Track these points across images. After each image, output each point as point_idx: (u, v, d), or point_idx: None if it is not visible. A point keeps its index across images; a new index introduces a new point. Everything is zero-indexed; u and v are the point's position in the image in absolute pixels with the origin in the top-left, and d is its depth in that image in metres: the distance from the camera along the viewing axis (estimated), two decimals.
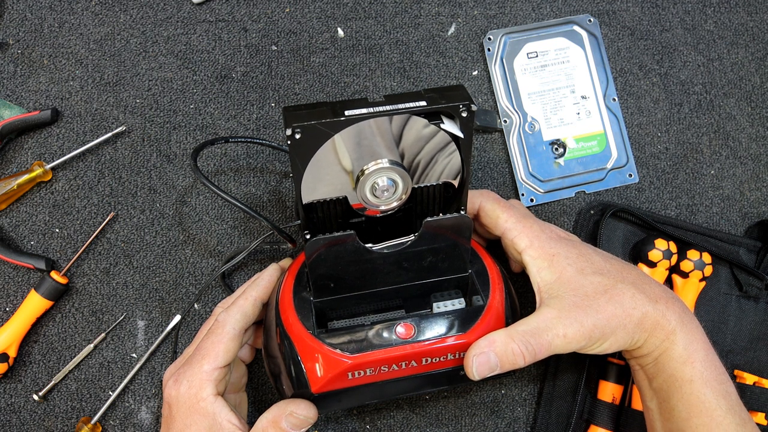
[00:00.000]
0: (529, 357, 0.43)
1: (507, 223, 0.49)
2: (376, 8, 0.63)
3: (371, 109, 0.41)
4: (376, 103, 0.41)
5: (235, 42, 0.62)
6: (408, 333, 0.44)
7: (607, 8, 0.65)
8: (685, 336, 0.45)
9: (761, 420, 0.57)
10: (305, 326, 0.45)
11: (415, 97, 0.42)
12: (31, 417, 0.56)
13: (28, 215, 0.58)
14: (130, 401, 0.56)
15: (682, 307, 0.47)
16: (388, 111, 0.41)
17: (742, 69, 0.65)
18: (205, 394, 0.45)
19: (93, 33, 0.61)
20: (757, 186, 0.64)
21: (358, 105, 0.41)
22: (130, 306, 0.57)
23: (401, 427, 0.57)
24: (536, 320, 0.44)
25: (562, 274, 0.46)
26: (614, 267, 0.48)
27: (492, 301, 0.47)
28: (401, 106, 0.41)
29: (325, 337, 0.44)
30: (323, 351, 0.43)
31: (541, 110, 0.62)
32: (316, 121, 0.40)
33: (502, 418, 0.57)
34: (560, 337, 0.43)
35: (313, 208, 0.46)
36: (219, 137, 0.53)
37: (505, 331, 0.44)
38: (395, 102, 0.41)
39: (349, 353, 0.43)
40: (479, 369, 0.43)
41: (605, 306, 0.45)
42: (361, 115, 0.40)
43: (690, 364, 0.45)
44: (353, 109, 0.41)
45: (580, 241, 0.50)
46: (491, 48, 0.63)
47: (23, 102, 0.60)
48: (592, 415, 0.56)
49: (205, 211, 0.59)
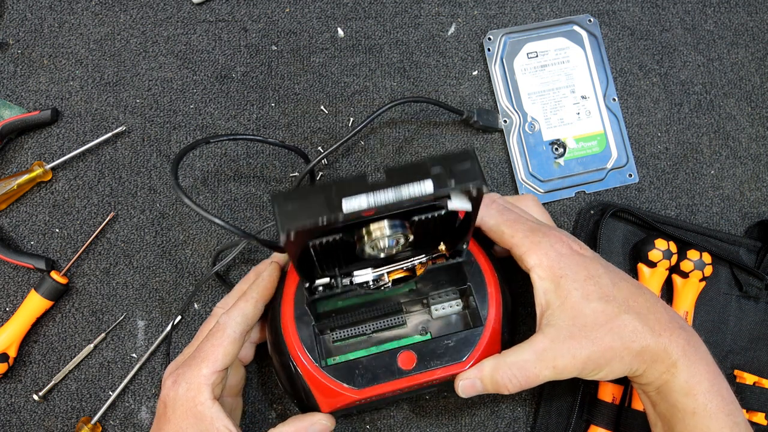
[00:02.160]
0: (514, 388, 0.44)
1: (513, 239, 0.47)
2: (376, 8, 0.63)
3: (371, 198, 0.39)
4: (376, 184, 0.39)
5: (235, 42, 0.62)
6: (410, 363, 0.46)
7: (607, 8, 0.65)
8: (687, 368, 0.44)
9: (761, 420, 0.57)
10: (312, 357, 0.46)
11: (419, 172, 0.40)
12: (31, 417, 0.56)
13: (28, 215, 0.58)
14: (130, 401, 0.56)
15: (687, 338, 0.45)
16: (392, 204, 0.39)
17: (742, 69, 0.65)
18: (203, 398, 0.45)
19: (93, 33, 0.61)
20: (757, 186, 0.64)
21: (356, 189, 0.39)
22: (130, 306, 0.57)
23: (401, 427, 0.57)
24: (528, 351, 0.45)
25: (567, 300, 0.45)
26: (622, 292, 0.46)
27: (488, 321, 0.47)
28: (405, 195, 0.39)
29: (331, 370, 0.46)
30: (331, 386, 0.46)
31: (541, 110, 0.62)
32: (312, 222, 0.38)
33: (502, 418, 0.57)
34: (550, 368, 0.44)
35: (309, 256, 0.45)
36: (199, 140, 0.51)
37: (494, 360, 0.45)
38: (397, 181, 0.39)
39: (356, 387, 0.45)
40: (465, 391, 0.46)
41: (603, 338, 0.44)
42: (360, 211, 0.38)
43: (692, 397, 0.44)
44: (350, 196, 0.39)
45: (592, 257, 0.48)
46: (491, 48, 0.63)
47: (23, 102, 0.60)
48: (592, 415, 0.56)
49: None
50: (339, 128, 0.61)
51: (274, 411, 0.56)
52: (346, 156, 0.61)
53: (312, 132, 0.61)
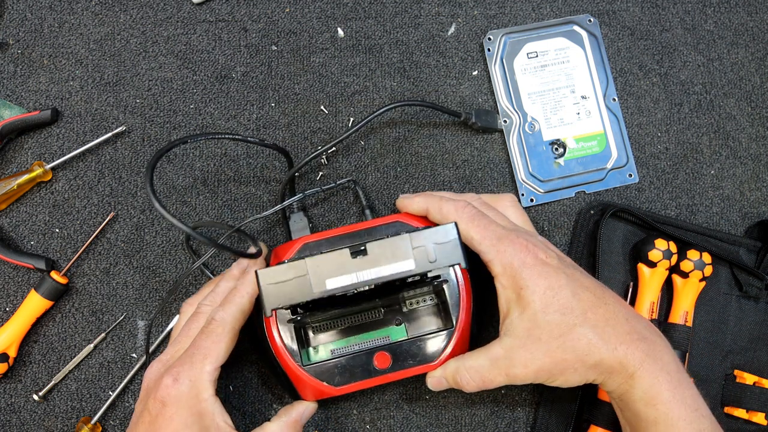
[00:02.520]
0: (473, 389, 0.48)
1: (481, 246, 0.48)
2: (376, 8, 0.63)
3: (354, 277, 0.42)
4: (360, 263, 0.42)
5: (235, 42, 0.62)
6: (385, 363, 0.49)
7: (607, 8, 0.65)
8: (647, 378, 0.45)
9: (761, 420, 0.57)
10: (294, 359, 0.49)
11: (401, 249, 0.44)
12: (31, 417, 0.56)
13: (28, 215, 0.58)
14: (130, 401, 0.56)
15: (646, 349, 0.45)
16: (374, 281, 0.42)
17: (742, 69, 0.65)
18: (207, 394, 0.45)
19: (93, 33, 0.61)
20: (757, 186, 0.64)
21: (340, 269, 0.43)
22: (130, 306, 0.57)
23: (401, 427, 0.57)
24: (484, 357, 0.47)
25: (525, 310, 0.46)
26: (582, 303, 0.46)
27: (459, 323, 0.50)
28: (387, 273, 0.43)
29: (312, 370, 0.49)
30: (312, 384, 0.49)
31: (541, 110, 0.62)
32: (297, 301, 0.42)
33: (502, 418, 0.57)
34: (503, 375, 0.47)
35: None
36: (175, 141, 0.50)
37: (456, 362, 0.48)
38: (380, 259, 0.43)
39: (335, 386, 0.49)
40: (434, 386, 0.50)
41: (555, 351, 0.45)
42: (343, 288, 0.42)
43: (653, 407, 0.45)
44: (335, 276, 0.42)
45: (557, 266, 0.47)
46: (491, 48, 0.63)
47: (23, 102, 0.60)
48: (592, 415, 0.56)
49: (205, 211, 0.59)
50: (339, 128, 0.61)
51: (274, 411, 0.56)
52: (345, 156, 0.61)
53: (312, 132, 0.61)
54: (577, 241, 0.59)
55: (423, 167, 0.61)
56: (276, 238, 0.59)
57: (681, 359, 0.56)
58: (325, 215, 0.60)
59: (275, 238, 0.59)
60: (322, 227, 0.59)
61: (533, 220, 0.60)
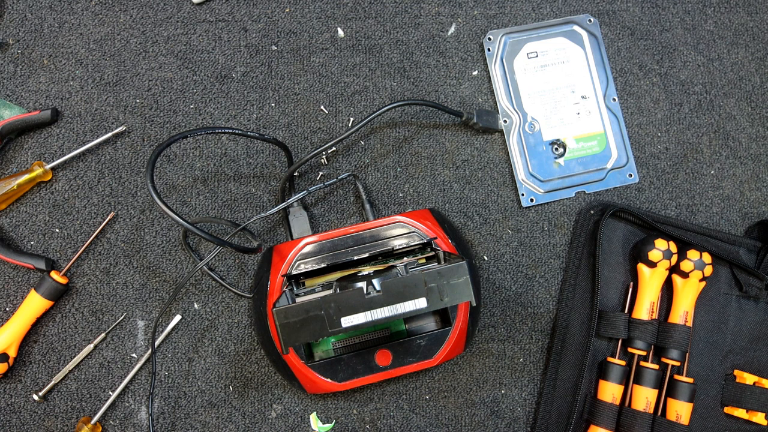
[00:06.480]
0: None
1: None
2: (376, 8, 0.63)
3: (369, 315, 0.43)
4: (373, 302, 0.43)
5: (235, 42, 0.62)
6: (386, 360, 0.52)
7: (607, 8, 0.65)
8: None
9: (761, 420, 0.57)
10: (299, 354, 0.52)
11: (415, 288, 0.44)
12: (31, 417, 0.56)
13: (28, 215, 0.58)
14: (130, 401, 0.56)
15: None
16: (387, 318, 0.43)
17: (742, 69, 0.65)
18: None
19: (93, 33, 0.61)
20: (757, 186, 0.64)
21: (355, 308, 0.43)
22: (130, 306, 0.57)
23: (401, 427, 0.57)
24: None
25: None
26: None
27: (457, 321, 0.53)
28: (401, 311, 0.43)
29: (317, 367, 0.52)
30: (316, 379, 0.52)
31: (541, 110, 0.62)
32: (313, 339, 0.43)
33: (502, 418, 0.57)
34: None
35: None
36: (175, 136, 0.50)
37: None
38: (394, 298, 0.43)
39: (338, 381, 0.52)
40: None
41: None
42: (357, 325, 0.42)
43: None
44: (349, 315, 0.43)
45: None
46: (491, 48, 0.63)
47: (23, 102, 0.60)
48: (592, 415, 0.56)
49: (205, 210, 0.59)
50: (339, 128, 0.61)
51: (274, 411, 0.57)
52: (346, 156, 0.61)
53: (312, 132, 0.61)
54: (577, 241, 0.59)
55: (423, 167, 0.61)
56: (276, 238, 0.59)
57: (681, 359, 0.57)
58: (326, 215, 0.60)
59: (275, 237, 0.59)
60: (322, 226, 0.59)
61: (533, 220, 0.60)
